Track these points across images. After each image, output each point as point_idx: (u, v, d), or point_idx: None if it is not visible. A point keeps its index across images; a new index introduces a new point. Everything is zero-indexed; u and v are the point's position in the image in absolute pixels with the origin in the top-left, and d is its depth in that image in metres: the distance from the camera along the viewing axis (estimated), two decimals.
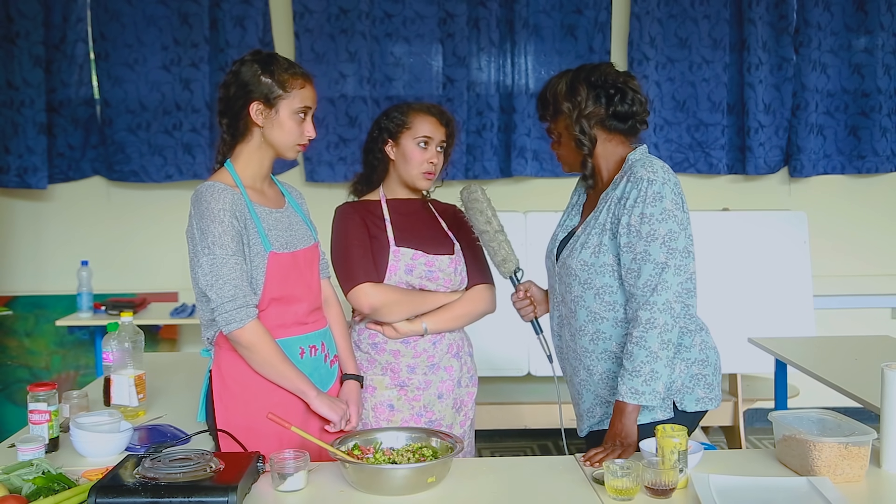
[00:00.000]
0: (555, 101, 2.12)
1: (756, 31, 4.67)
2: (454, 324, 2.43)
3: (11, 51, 4.41)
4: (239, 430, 2.02)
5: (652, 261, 1.97)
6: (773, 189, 4.94)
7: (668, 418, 2.05)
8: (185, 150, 4.58)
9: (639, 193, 1.99)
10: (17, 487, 1.76)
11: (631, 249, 2.00)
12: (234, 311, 1.97)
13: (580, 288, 2.09)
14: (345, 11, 4.57)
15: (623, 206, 2.02)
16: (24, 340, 4.66)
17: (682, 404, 2.07)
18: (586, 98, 2.08)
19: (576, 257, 2.10)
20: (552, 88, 2.14)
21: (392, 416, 2.40)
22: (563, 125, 2.12)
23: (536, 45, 4.69)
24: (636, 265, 1.99)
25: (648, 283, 1.97)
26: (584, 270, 2.08)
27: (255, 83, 2.05)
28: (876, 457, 1.89)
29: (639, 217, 1.98)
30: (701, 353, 2.10)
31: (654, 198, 1.98)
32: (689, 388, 2.08)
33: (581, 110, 2.08)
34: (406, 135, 2.39)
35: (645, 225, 1.98)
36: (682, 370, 2.07)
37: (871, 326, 4.58)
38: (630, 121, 2.11)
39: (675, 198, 2.00)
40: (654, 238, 1.97)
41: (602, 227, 2.06)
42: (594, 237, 2.07)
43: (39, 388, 2.08)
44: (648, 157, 2.07)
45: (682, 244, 1.99)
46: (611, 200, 2.06)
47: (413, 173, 2.41)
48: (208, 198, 1.99)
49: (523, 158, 4.66)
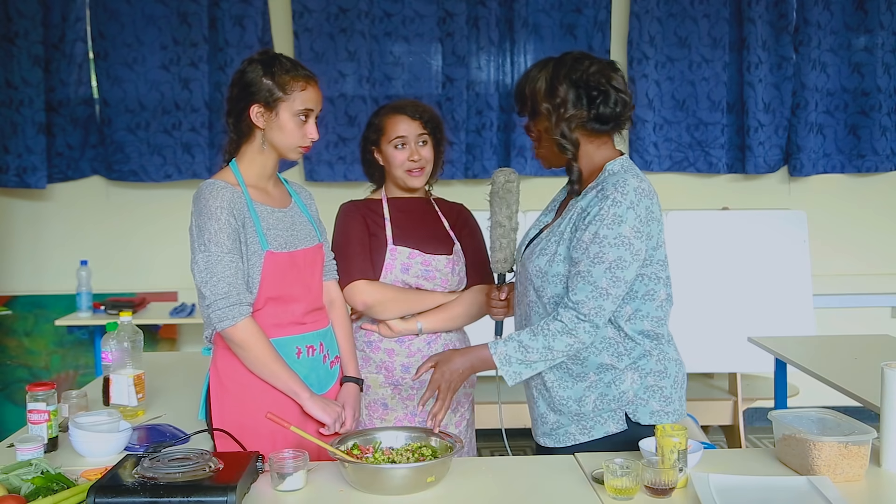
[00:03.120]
0: (533, 100, 2.00)
1: (756, 29, 4.67)
2: (450, 324, 2.42)
3: (10, 50, 4.41)
4: (235, 428, 2.02)
5: (590, 281, 1.88)
6: (772, 188, 4.94)
7: (621, 430, 1.97)
8: (185, 149, 4.58)
9: (599, 211, 1.88)
10: (16, 487, 1.75)
11: (575, 264, 1.91)
12: (226, 308, 1.96)
13: (534, 294, 2.02)
14: (344, 11, 4.57)
15: (582, 220, 1.92)
16: (23, 340, 4.66)
17: (634, 416, 1.97)
18: (566, 100, 1.95)
19: (532, 262, 2.02)
20: (531, 85, 2.00)
21: (386, 415, 2.40)
22: (543, 126, 2.00)
23: (536, 44, 4.69)
24: (575, 281, 1.90)
25: (582, 302, 1.88)
26: (538, 277, 2.00)
27: (256, 85, 2.04)
28: (876, 456, 1.89)
29: (591, 235, 1.88)
30: (658, 364, 1.99)
31: (612, 220, 1.87)
32: (643, 400, 1.97)
33: (561, 114, 1.95)
34: (383, 140, 2.42)
35: (595, 245, 1.88)
36: (634, 380, 1.97)
37: (870, 325, 4.58)
38: (612, 122, 1.99)
39: (637, 224, 1.88)
40: (600, 261, 1.87)
41: (560, 235, 1.98)
42: (552, 245, 1.99)
43: (38, 388, 2.08)
44: (625, 173, 1.94)
45: (632, 274, 1.89)
46: (575, 211, 1.97)
47: (398, 174, 2.42)
48: (207, 195, 2.00)
49: (523, 157, 4.65)
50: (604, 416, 1.98)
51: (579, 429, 2.01)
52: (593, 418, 1.99)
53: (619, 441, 1.97)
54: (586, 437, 2.00)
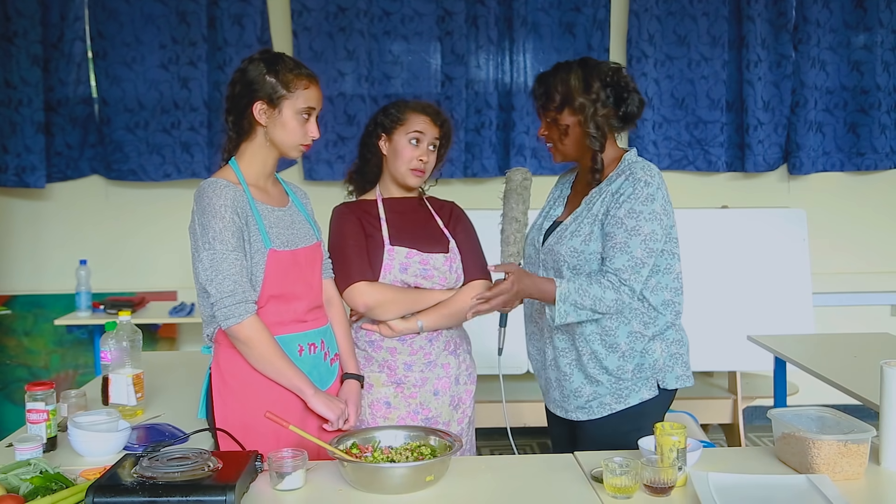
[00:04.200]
0: (568, 94, 2.16)
1: (755, 28, 4.66)
2: (450, 321, 2.42)
3: (9, 49, 4.40)
4: (237, 427, 2.02)
5: (628, 252, 2.08)
6: (772, 186, 4.93)
7: (652, 396, 2.16)
8: (184, 148, 4.57)
9: (633, 191, 2.10)
10: (15, 487, 1.76)
11: (611, 238, 2.10)
12: (232, 306, 1.97)
13: (570, 273, 2.16)
14: (343, 10, 4.57)
15: (616, 200, 2.12)
16: (22, 340, 4.66)
17: (664, 382, 2.18)
18: (600, 97, 2.16)
19: (565, 244, 2.17)
20: (564, 81, 2.17)
21: (388, 414, 2.40)
22: (575, 119, 2.16)
23: (535, 42, 4.69)
24: (613, 252, 2.09)
25: (622, 269, 2.08)
26: (574, 257, 2.15)
27: (259, 82, 2.06)
28: (875, 454, 1.89)
29: (627, 211, 2.09)
30: (677, 334, 2.21)
31: (646, 198, 2.09)
32: (670, 367, 2.19)
33: (597, 109, 2.15)
34: (399, 130, 2.41)
35: (631, 220, 2.09)
36: (662, 350, 2.18)
37: (870, 324, 4.57)
38: (630, 121, 2.22)
39: (664, 203, 2.12)
40: (636, 233, 2.08)
41: (594, 217, 2.15)
42: (585, 226, 2.16)
43: (37, 388, 2.08)
44: (644, 161, 2.19)
45: (660, 247, 2.12)
46: (606, 194, 2.15)
47: (402, 169, 2.42)
48: (210, 194, 2.01)
49: (522, 156, 4.65)
50: (639, 385, 2.16)
51: (615, 398, 2.17)
52: (630, 387, 2.16)
53: (650, 406, 2.17)
54: (622, 404, 2.16)
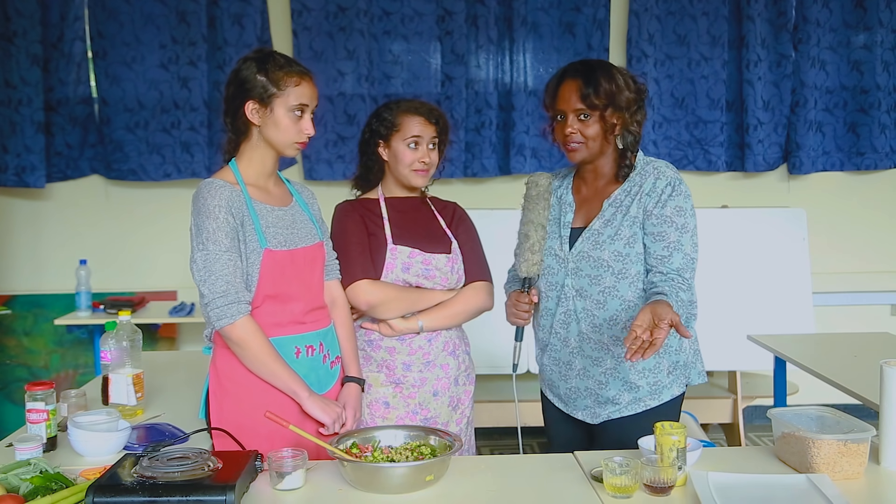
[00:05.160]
0: (617, 93, 2.14)
1: (755, 27, 4.66)
2: (450, 321, 2.42)
3: (9, 49, 4.40)
4: (235, 428, 2.01)
5: (682, 250, 2.12)
6: (772, 186, 4.93)
7: (681, 392, 2.22)
8: (184, 148, 4.57)
9: (673, 189, 2.14)
10: (15, 487, 1.76)
11: (663, 238, 2.12)
12: (224, 306, 1.97)
13: (613, 278, 2.15)
14: (343, 9, 4.57)
15: (655, 199, 2.14)
16: (22, 339, 4.66)
17: (689, 378, 2.24)
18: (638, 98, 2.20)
19: (607, 249, 2.15)
20: (612, 79, 2.14)
21: (387, 414, 2.40)
22: (619, 119, 2.16)
23: (535, 42, 4.69)
24: (668, 252, 2.11)
25: (682, 268, 2.11)
26: (619, 261, 2.15)
27: (250, 82, 2.05)
28: (875, 454, 1.89)
29: (674, 209, 2.12)
30: (694, 331, 2.23)
31: (685, 195, 2.15)
32: (694, 363, 2.25)
33: (639, 108, 2.20)
34: (396, 137, 2.40)
35: (679, 217, 2.13)
36: (689, 345, 2.24)
37: (870, 323, 4.57)
38: None
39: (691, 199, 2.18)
40: (686, 230, 2.13)
41: (633, 219, 2.15)
42: (626, 229, 2.15)
43: (37, 388, 2.08)
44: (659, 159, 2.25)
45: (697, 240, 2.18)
46: (638, 195, 2.16)
47: (405, 172, 2.42)
48: (205, 194, 2.01)
49: (522, 156, 4.65)
50: (672, 381, 2.20)
51: (652, 396, 2.20)
52: (665, 383, 2.20)
53: (678, 402, 2.22)
54: (656, 401, 2.19)
